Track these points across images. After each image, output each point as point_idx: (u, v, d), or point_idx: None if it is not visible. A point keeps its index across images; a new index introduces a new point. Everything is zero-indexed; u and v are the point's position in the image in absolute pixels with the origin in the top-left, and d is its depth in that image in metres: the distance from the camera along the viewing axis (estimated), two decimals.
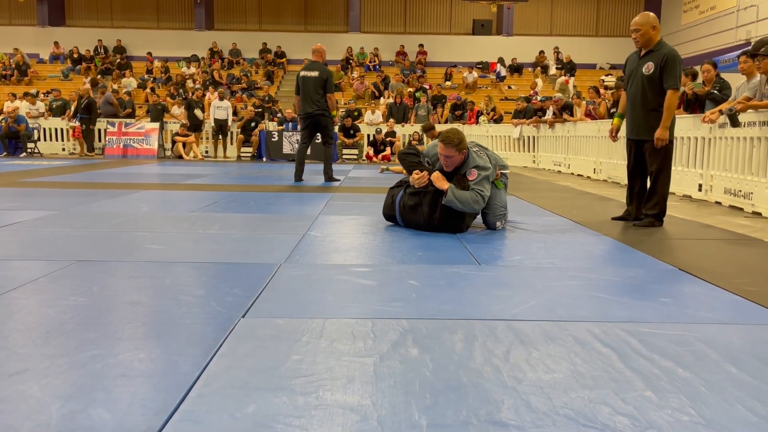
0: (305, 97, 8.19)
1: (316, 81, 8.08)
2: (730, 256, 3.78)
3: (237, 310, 2.39)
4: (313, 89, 8.10)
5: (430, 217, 4.29)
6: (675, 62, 4.66)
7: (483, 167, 4.32)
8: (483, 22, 25.15)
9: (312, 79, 8.10)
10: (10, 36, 23.75)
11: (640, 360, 1.94)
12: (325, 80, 8.09)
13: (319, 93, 8.09)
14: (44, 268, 3.03)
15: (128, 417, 1.50)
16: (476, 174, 4.28)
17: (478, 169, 4.31)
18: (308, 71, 8.21)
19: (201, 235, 4.12)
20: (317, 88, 8.08)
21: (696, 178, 7.15)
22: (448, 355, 1.95)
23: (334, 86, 8.41)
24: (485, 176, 4.31)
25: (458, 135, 4.33)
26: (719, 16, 19.88)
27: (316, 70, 8.14)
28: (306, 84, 8.15)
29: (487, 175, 4.32)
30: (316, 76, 8.09)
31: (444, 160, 4.36)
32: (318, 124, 8.32)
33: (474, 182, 4.27)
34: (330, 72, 8.26)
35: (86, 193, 6.56)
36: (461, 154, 4.34)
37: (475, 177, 4.28)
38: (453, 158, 4.33)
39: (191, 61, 23.03)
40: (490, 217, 4.47)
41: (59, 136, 16.07)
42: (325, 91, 8.12)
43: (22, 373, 1.76)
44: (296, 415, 1.53)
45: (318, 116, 8.21)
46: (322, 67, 8.20)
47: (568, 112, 12.05)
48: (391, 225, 4.63)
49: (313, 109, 8.14)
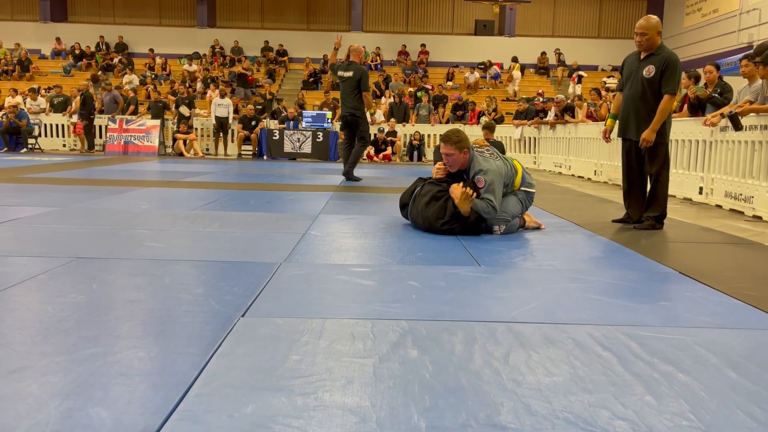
0: (342, 98, 8.36)
1: (351, 81, 8.16)
2: (730, 260, 3.77)
3: (236, 309, 2.39)
4: (349, 90, 8.20)
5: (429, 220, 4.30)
6: (675, 67, 4.66)
7: (486, 171, 4.25)
8: (485, 23, 25.15)
9: (347, 79, 8.20)
10: (12, 31, 23.77)
11: (639, 364, 1.93)
12: (358, 80, 8.14)
13: (354, 93, 8.16)
14: (43, 265, 3.03)
15: (126, 416, 1.50)
16: (483, 182, 4.22)
17: (482, 174, 4.23)
18: (344, 71, 8.29)
19: (201, 233, 4.12)
20: (353, 87, 8.16)
21: (697, 181, 7.15)
22: (448, 357, 1.95)
23: (369, 84, 8.47)
24: (492, 181, 4.22)
25: (458, 134, 4.30)
26: (722, 19, 19.87)
27: (351, 70, 8.23)
28: (343, 84, 8.28)
29: (493, 180, 4.23)
30: (350, 76, 8.18)
31: (445, 158, 4.34)
32: (351, 124, 8.43)
33: (483, 190, 4.22)
34: (364, 70, 8.33)
35: (86, 190, 6.55)
36: (462, 153, 4.29)
37: (483, 185, 4.23)
38: (453, 157, 4.30)
39: (193, 58, 23.02)
40: (489, 219, 4.40)
41: (60, 133, 16.07)
42: (359, 91, 8.17)
43: (20, 370, 1.75)
44: (295, 415, 1.52)
45: (350, 117, 8.33)
46: (357, 67, 8.27)
47: (569, 113, 12.05)
48: (391, 225, 4.62)
49: (347, 111, 8.26)
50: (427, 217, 4.33)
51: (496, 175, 4.27)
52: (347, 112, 8.34)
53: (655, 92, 4.71)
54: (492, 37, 25.01)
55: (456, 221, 4.23)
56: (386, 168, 12.52)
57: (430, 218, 4.31)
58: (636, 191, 5.02)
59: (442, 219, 4.25)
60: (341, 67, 8.46)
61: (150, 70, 22.05)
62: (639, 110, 4.80)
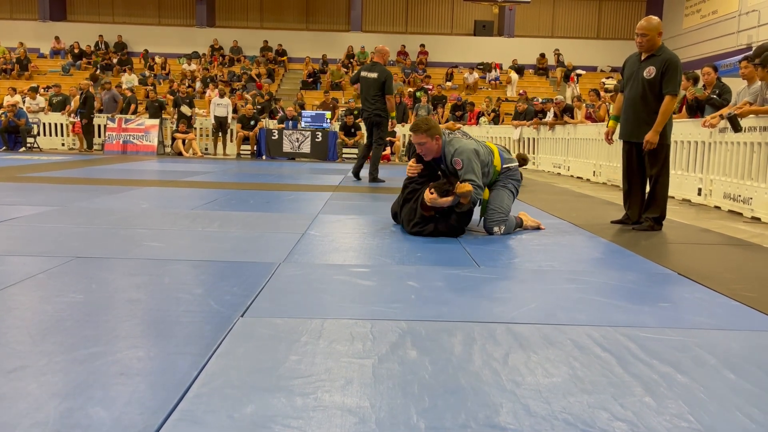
0: (364, 98, 8.34)
1: (375, 82, 8.15)
2: (729, 261, 3.78)
3: (236, 309, 2.39)
4: (372, 91, 8.20)
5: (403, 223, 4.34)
6: (676, 68, 4.66)
7: (460, 150, 4.19)
8: (484, 23, 25.16)
9: (371, 80, 8.20)
10: (12, 30, 23.75)
11: (639, 365, 1.94)
12: (383, 82, 8.15)
13: (377, 94, 8.17)
14: (43, 264, 3.03)
15: (126, 416, 1.49)
16: (461, 163, 4.18)
17: (458, 154, 4.19)
18: (368, 72, 8.30)
19: (200, 233, 4.12)
20: (376, 89, 8.16)
21: (696, 182, 7.16)
22: (447, 358, 1.95)
23: (393, 87, 8.48)
24: (468, 158, 4.17)
25: (427, 122, 4.27)
26: (721, 20, 19.89)
27: (375, 72, 8.22)
28: (365, 85, 8.28)
29: (469, 157, 4.18)
30: (374, 78, 8.17)
31: (419, 148, 4.31)
32: (373, 125, 8.46)
33: (463, 171, 4.17)
34: (389, 73, 8.29)
35: (85, 189, 6.55)
36: (434, 140, 4.25)
37: (461, 166, 4.18)
38: (426, 145, 4.25)
39: (192, 58, 23.01)
40: (487, 222, 4.37)
41: (59, 132, 16.05)
42: (383, 93, 8.17)
43: (20, 370, 1.75)
44: (294, 416, 1.52)
45: (374, 118, 8.33)
46: (382, 69, 8.25)
47: (568, 114, 12.05)
48: (390, 225, 4.62)
49: (369, 112, 8.27)
50: (402, 220, 4.38)
51: (471, 152, 4.22)
52: (370, 114, 8.33)
53: (655, 93, 4.72)
54: (491, 37, 25.02)
55: (426, 223, 4.21)
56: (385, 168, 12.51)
57: (404, 221, 4.35)
58: (636, 192, 5.02)
59: (413, 221, 4.26)
60: (365, 68, 8.47)
61: (149, 70, 22.03)
62: (640, 112, 4.80)
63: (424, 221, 4.22)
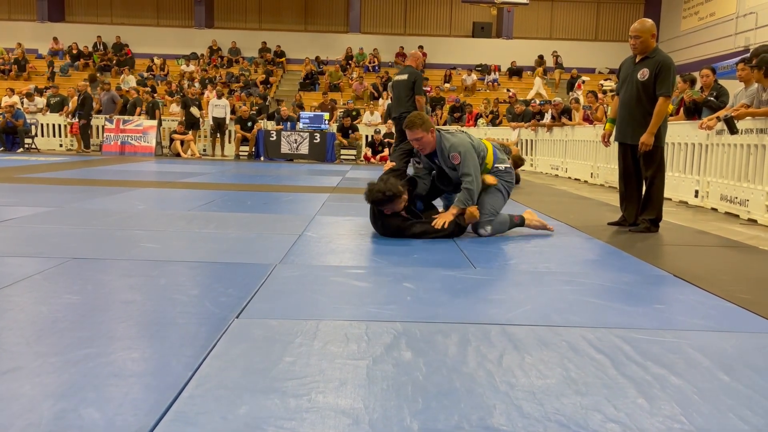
0: (395, 99, 8.40)
1: (405, 84, 8.20)
2: (724, 263, 3.79)
3: (231, 310, 2.39)
4: (403, 92, 8.25)
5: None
6: (669, 70, 4.68)
7: (456, 145, 4.24)
8: (483, 25, 25.19)
9: (402, 82, 8.25)
10: (10, 31, 23.72)
11: (633, 367, 1.94)
12: (413, 82, 8.19)
13: (408, 95, 8.20)
14: (39, 266, 3.02)
15: (119, 417, 1.49)
16: (458, 157, 4.23)
17: (454, 149, 4.23)
18: (400, 75, 8.39)
19: (197, 234, 4.12)
20: (407, 90, 8.20)
21: (692, 184, 7.17)
22: (442, 359, 1.95)
23: (423, 89, 8.50)
24: (465, 152, 4.22)
25: (419, 116, 4.28)
26: (718, 22, 19.93)
27: (405, 74, 8.28)
28: (396, 87, 8.33)
29: (466, 151, 4.22)
30: (405, 79, 8.23)
31: (416, 144, 4.32)
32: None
33: (461, 166, 4.22)
34: (419, 74, 8.34)
35: (82, 190, 6.54)
36: (430, 133, 4.27)
37: (459, 161, 4.23)
38: (423, 139, 4.27)
39: (190, 59, 23.01)
40: (474, 223, 4.33)
41: (57, 132, 16.04)
42: (413, 93, 8.21)
43: (14, 371, 1.75)
44: (288, 417, 1.52)
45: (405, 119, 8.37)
46: (412, 70, 8.32)
47: (566, 116, 12.07)
48: None
49: (400, 112, 8.30)
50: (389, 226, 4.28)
51: (467, 146, 4.26)
52: (401, 113, 8.37)
53: (649, 95, 4.73)
54: (489, 39, 25.05)
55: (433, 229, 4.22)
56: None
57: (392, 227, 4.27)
58: (632, 194, 5.03)
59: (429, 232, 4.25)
60: (398, 73, 8.55)
61: (149, 71, 22.02)
62: (634, 114, 4.82)
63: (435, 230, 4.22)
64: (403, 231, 4.18)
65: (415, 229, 4.18)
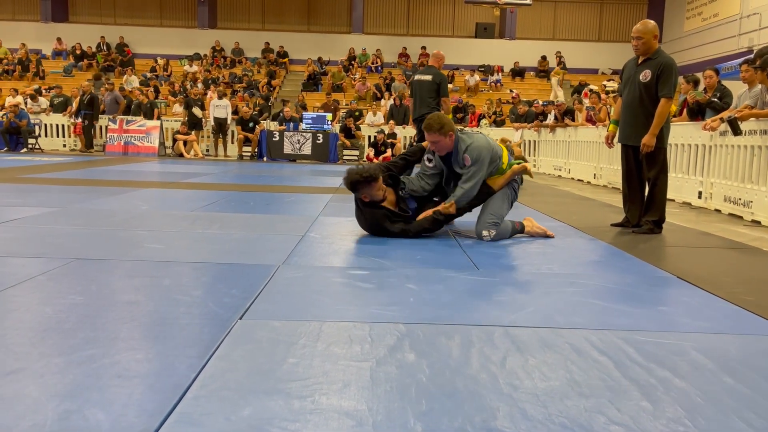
0: (418, 100, 8.37)
1: (430, 85, 8.21)
2: (728, 265, 3.78)
3: (234, 311, 2.39)
4: (426, 93, 8.25)
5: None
6: (671, 71, 4.68)
7: (473, 147, 4.23)
8: (486, 26, 25.17)
9: (426, 82, 8.25)
10: (14, 31, 23.77)
11: (636, 369, 1.94)
12: (438, 84, 8.21)
13: (432, 96, 8.20)
14: (42, 266, 3.03)
15: (123, 418, 1.50)
16: (469, 160, 4.22)
17: (470, 151, 4.21)
18: (423, 75, 8.38)
19: (200, 235, 4.12)
20: (431, 91, 8.20)
21: (696, 185, 7.16)
22: (445, 361, 1.95)
23: (448, 90, 8.50)
24: (479, 156, 4.20)
25: (439, 120, 4.24)
26: (722, 23, 19.89)
27: (430, 74, 8.29)
28: (420, 87, 8.32)
29: (480, 155, 4.21)
30: (429, 80, 8.23)
31: (433, 146, 4.32)
32: None
33: (467, 171, 4.24)
34: (444, 76, 8.37)
35: (86, 190, 6.56)
36: (448, 137, 4.25)
37: (469, 163, 4.23)
38: (440, 143, 4.26)
39: (193, 59, 23.04)
40: (478, 225, 4.32)
41: (60, 133, 16.07)
42: (438, 95, 8.22)
43: (18, 372, 1.76)
44: (291, 419, 1.53)
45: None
46: (437, 72, 8.33)
47: (569, 116, 12.06)
48: None
49: (425, 112, 8.28)
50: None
51: (483, 153, 4.23)
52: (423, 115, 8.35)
53: (651, 97, 4.73)
54: (492, 40, 25.03)
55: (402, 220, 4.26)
56: None
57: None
58: (635, 195, 5.03)
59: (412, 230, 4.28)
60: (420, 71, 8.53)
61: (152, 72, 22.06)
62: (637, 115, 4.82)
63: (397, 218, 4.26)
64: (383, 227, 4.20)
65: (395, 227, 4.20)
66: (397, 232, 4.20)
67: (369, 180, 4.13)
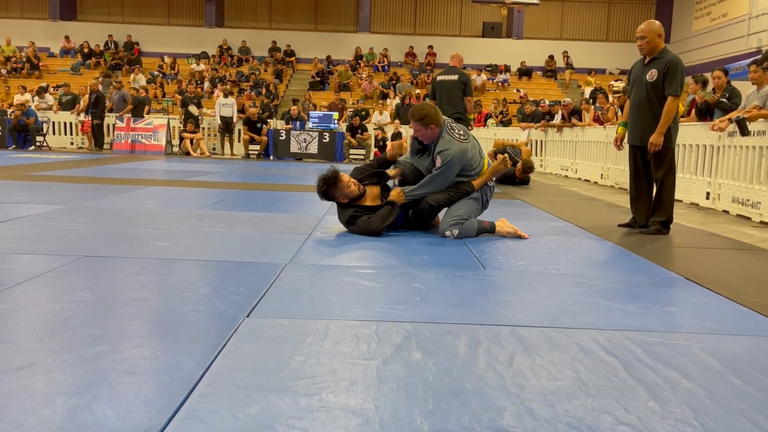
0: (445, 100, 8.39)
1: (456, 85, 8.24)
2: (736, 266, 3.76)
3: (241, 309, 2.40)
4: (454, 92, 8.30)
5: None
6: (677, 69, 4.66)
7: (447, 153, 4.22)
8: (493, 25, 25.13)
9: (453, 82, 8.28)
10: (22, 29, 23.88)
11: (643, 369, 1.93)
12: (464, 83, 8.23)
13: (460, 96, 8.23)
14: (51, 263, 3.05)
15: (132, 414, 1.51)
16: (439, 162, 4.26)
17: (443, 156, 4.23)
18: (447, 75, 8.41)
19: (207, 233, 4.13)
20: (458, 91, 8.23)
21: (704, 186, 7.13)
22: (452, 360, 1.95)
23: (472, 90, 8.52)
24: (448, 163, 4.22)
25: (422, 110, 4.24)
26: (731, 23, 19.80)
27: (455, 75, 8.32)
28: (446, 88, 8.35)
29: (450, 163, 4.23)
30: (455, 80, 8.27)
31: (415, 133, 4.39)
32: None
33: (433, 173, 4.29)
34: (468, 76, 8.42)
35: (93, 188, 6.58)
36: (429, 129, 4.28)
37: (438, 165, 4.27)
38: (420, 132, 4.33)
39: (201, 58, 23.09)
40: (441, 225, 4.30)
41: (68, 131, 16.14)
42: (464, 95, 8.25)
43: (27, 368, 1.77)
44: (298, 416, 1.53)
45: (456, 119, 8.39)
46: (461, 72, 8.38)
47: (576, 116, 12.02)
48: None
49: (451, 112, 8.31)
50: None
51: (455, 156, 4.23)
52: (453, 113, 8.37)
53: (659, 96, 4.72)
54: (499, 39, 24.99)
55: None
56: None
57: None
58: (643, 196, 5.01)
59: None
60: (442, 73, 8.57)
61: (159, 69, 22.12)
62: (645, 115, 4.80)
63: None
64: (351, 225, 4.24)
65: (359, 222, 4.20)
66: (365, 228, 4.17)
67: (332, 182, 4.21)
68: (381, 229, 4.17)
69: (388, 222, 4.20)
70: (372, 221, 4.19)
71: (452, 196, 4.34)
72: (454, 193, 4.35)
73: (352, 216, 4.24)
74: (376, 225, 4.16)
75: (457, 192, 4.35)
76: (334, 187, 4.24)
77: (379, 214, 4.21)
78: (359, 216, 4.23)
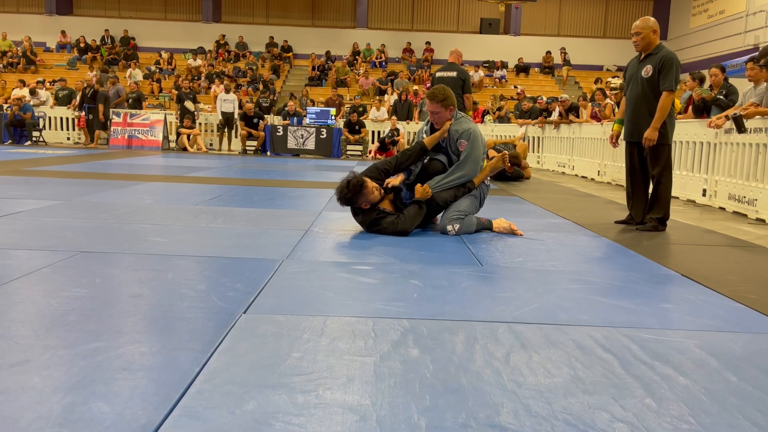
0: None
1: (455, 81, 8.23)
2: (732, 263, 3.77)
3: (238, 305, 2.39)
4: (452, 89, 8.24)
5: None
6: (672, 64, 4.67)
7: (469, 132, 4.34)
8: (491, 21, 25.12)
9: (451, 79, 8.27)
10: (18, 24, 23.80)
11: (640, 366, 1.94)
12: (463, 80, 8.22)
13: (458, 93, 8.20)
14: (47, 259, 3.04)
15: (128, 410, 1.50)
16: (465, 145, 4.32)
17: (466, 136, 4.32)
18: (445, 72, 8.40)
19: (204, 229, 4.13)
20: (455, 88, 8.20)
21: (700, 183, 7.14)
22: (449, 357, 1.95)
23: (471, 87, 8.50)
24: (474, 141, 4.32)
25: (444, 91, 4.35)
26: (728, 20, 19.81)
27: (453, 71, 8.31)
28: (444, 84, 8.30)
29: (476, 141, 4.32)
30: (454, 77, 8.26)
31: (432, 116, 4.41)
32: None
33: (463, 155, 4.33)
34: (467, 73, 8.39)
35: (90, 184, 6.56)
36: (448, 110, 4.36)
37: (463, 148, 4.33)
38: (439, 114, 4.36)
39: (197, 53, 23.03)
40: (442, 221, 4.31)
41: (64, 126, 16.09)
42: (463, 92, 8.23)
43: (23, 364, 1.76)
44: (295, 413, 1.53)
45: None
46: (460, 68, 8.36)
47: (574, 113, 12.02)
48: None
49: None
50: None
51: (479, 136, 4.38)
52: None
53: (654, 91, 4.72)
54: (497, 35, 24.97)
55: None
56: None
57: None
58: (639, 193, 5.02)
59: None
60: (441, 69, 8.55)
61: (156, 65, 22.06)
62: (641, 111, 4.81)
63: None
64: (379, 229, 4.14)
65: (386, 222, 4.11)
66: (391, 229, 4.10)
67: (358, 188, 4.05)
68: (411, 229, 4.13)
69: (418, 222, 4.16)
70: (400, 223, 4.09)
71: (457, 193, 4.35)
72: (459, 190, 4.36)
73: (376, 219, 4.13)
74: (407, 226, 4.10)
75: (460, 189, 4.37)
76: (359, 194, 4.08)
77: (408, 215, 4.13)
78: (383, 218, 4.13)
